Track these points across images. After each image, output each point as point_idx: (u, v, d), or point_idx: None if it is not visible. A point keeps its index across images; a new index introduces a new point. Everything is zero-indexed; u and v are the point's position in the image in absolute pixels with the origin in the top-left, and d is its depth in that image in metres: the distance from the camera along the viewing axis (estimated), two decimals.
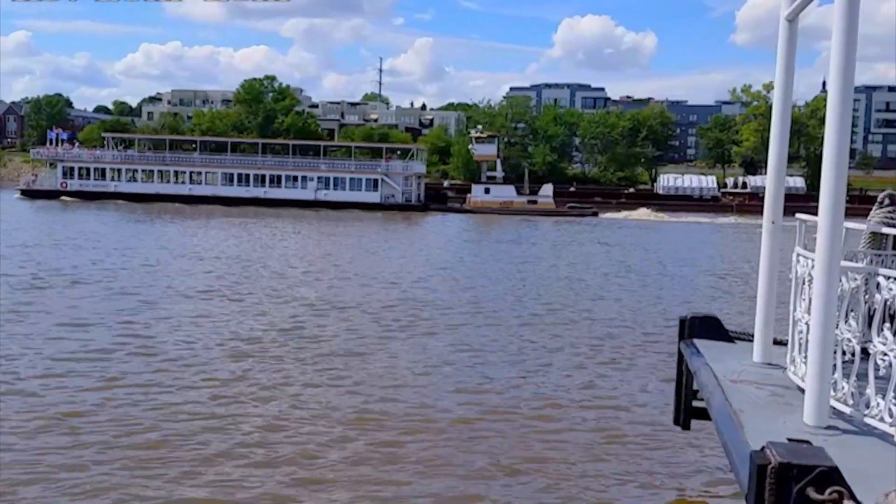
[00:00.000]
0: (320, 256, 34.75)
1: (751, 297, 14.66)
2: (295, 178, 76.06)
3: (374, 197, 75.01)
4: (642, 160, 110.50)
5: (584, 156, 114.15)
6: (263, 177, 76.27)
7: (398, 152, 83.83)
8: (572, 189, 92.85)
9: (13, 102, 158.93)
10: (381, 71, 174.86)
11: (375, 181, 75.52)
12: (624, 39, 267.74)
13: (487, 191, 77.03)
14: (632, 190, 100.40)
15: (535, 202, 76.53)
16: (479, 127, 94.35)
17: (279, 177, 76.26)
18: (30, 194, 74.56)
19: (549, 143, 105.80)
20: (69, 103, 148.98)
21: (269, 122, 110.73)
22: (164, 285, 23.99)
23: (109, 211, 61.10)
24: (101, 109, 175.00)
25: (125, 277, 25.40)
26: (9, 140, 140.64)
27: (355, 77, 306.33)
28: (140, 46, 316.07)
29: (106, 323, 18.10)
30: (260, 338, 17.23)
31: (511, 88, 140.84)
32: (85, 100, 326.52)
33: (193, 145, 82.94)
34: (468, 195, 78.31)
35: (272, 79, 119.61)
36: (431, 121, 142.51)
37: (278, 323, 18.93)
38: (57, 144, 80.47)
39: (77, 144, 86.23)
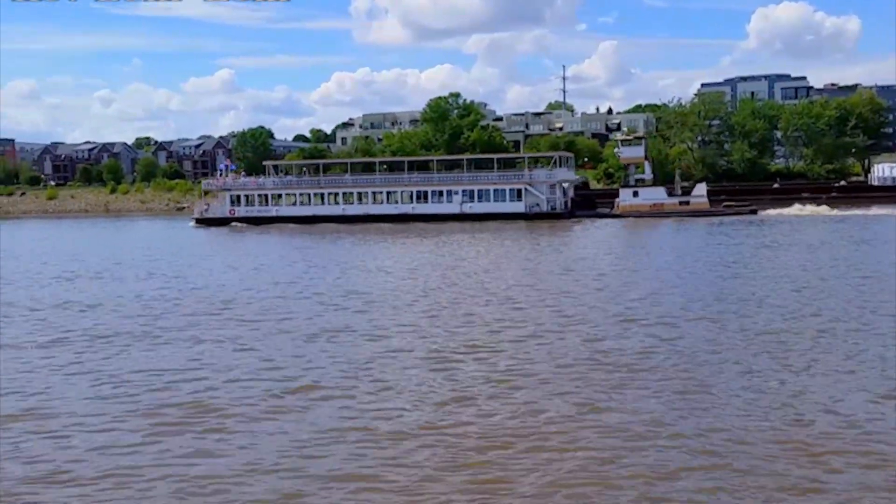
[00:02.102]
0: (525, 270, 33.71)
1: None
2: (440, 193, 76.48)
3: (518, 207, 73.81)
4: (853, 150, 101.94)
5: (786, 150, 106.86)
6: (411, 193, 77.42)
7: (539, 161, 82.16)
8: (724, 184, 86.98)
9: (221, 137, 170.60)
10: (564, 78, 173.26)
11: (519, 191, 74.32)
12: (825, 25, 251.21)
13: (636, 194, 73.31)
14: (843, 183, 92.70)
15: (687, 203, 72.03)
16: (624, 129, 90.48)
17: (425, 192, 76.99)
18: (203, 222, 79.95)
19: (748, 138, 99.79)
20: (271, 134, 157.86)
21: (454, 139, 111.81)
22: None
23: (285, 234, 63.76)
24: (299, 138, 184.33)
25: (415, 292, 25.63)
26: (219, 172, 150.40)
27: (539, 87, 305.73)
28: (332, 75, 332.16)
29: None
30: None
31: (702, 85, 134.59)
32: (285, 130, 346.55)
33: (369, 167, 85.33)
34: (616, 199, 74.92)
35: (457, 96, 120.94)
36: (619, 125, 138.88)
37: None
38: (226, 175, 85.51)
39: (243, 174, 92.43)
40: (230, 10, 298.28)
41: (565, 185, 77.80)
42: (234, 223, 78.58)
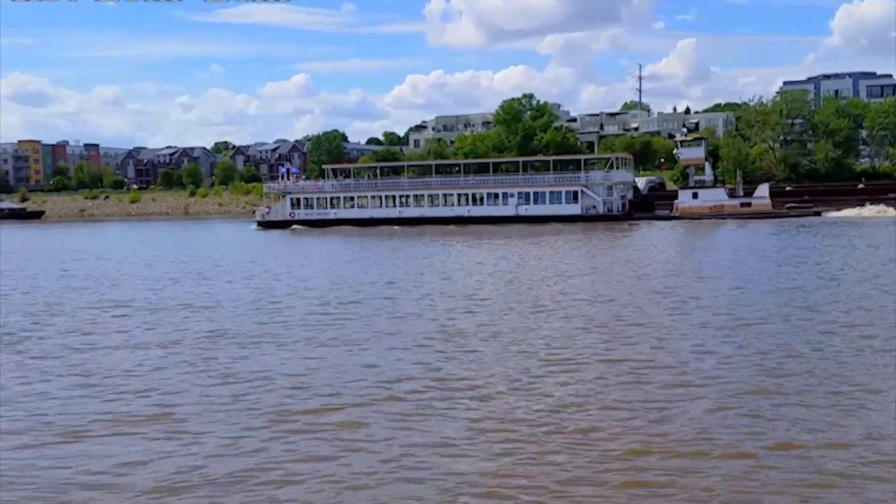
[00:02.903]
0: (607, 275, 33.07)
1: None
2: (496, 195, 76.21)
3: (574, 209, 73.09)
4: None
5: (872, 149, 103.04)
6: (467, 196, 77.42)
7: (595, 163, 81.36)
8: (788, 188, 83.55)
9: (296, 141, 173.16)
10: (640, 78, 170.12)
11: (575, 193, 73.52)
12: None
13: (695, 195, 71.77)
14: None
15: (748, 204, 70.33)
16: (684, 130, 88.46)
17: (481, 195, 76.80)
18: (264, 225, 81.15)
19: (832, 137, 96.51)
20: (345, 138, 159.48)
21: (527, 140, 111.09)
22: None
23: (350, 236, 64.11)
24: (372, 141, 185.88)
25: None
26: (281, 176, 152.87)
27: (614, 87, 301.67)
28: (406, 78, 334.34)
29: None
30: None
31: (785, 83, 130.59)
32: (359, 133, 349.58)
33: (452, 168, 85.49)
34: (675, 201, 73.27)
35: (530, 97, 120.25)
36: (697, 124, 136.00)
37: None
38: (287, 178, 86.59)
39: (304, 177, 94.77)
40: (306, 16, 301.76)
41: (621, 186, 76.65)
42: (294, 226, 79.50)
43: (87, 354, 18.71)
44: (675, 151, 79.37)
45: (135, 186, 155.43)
